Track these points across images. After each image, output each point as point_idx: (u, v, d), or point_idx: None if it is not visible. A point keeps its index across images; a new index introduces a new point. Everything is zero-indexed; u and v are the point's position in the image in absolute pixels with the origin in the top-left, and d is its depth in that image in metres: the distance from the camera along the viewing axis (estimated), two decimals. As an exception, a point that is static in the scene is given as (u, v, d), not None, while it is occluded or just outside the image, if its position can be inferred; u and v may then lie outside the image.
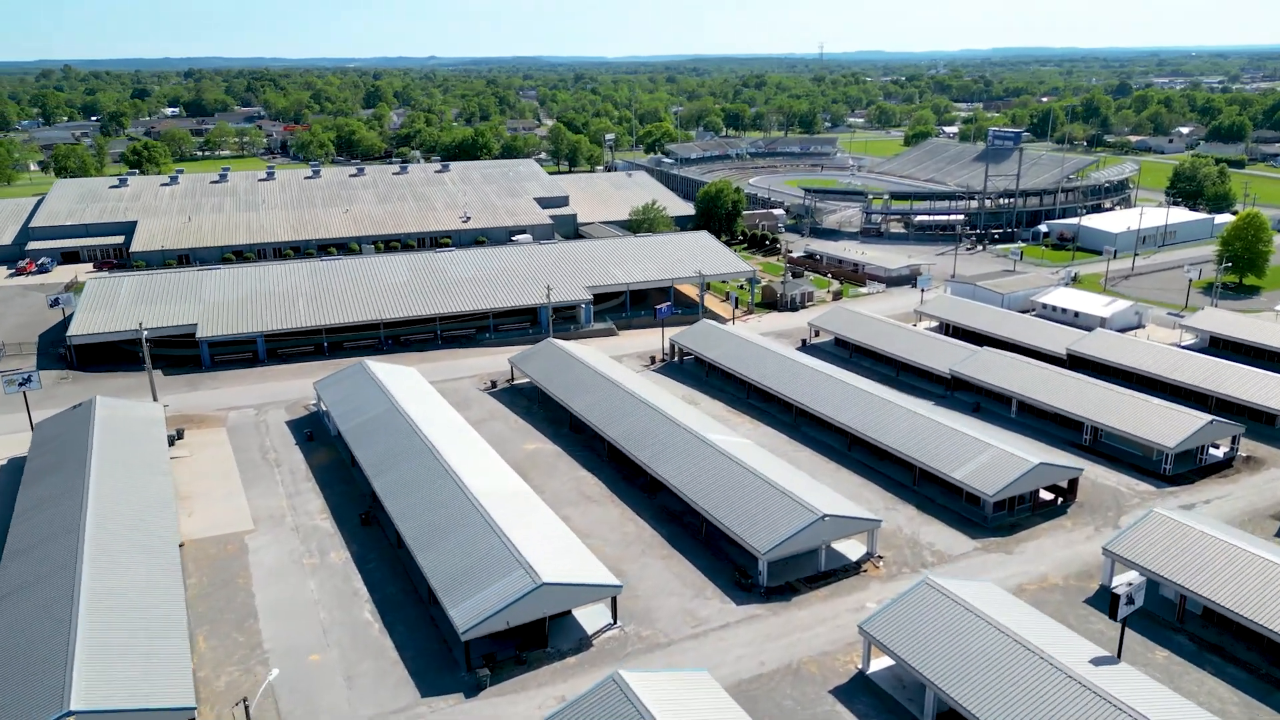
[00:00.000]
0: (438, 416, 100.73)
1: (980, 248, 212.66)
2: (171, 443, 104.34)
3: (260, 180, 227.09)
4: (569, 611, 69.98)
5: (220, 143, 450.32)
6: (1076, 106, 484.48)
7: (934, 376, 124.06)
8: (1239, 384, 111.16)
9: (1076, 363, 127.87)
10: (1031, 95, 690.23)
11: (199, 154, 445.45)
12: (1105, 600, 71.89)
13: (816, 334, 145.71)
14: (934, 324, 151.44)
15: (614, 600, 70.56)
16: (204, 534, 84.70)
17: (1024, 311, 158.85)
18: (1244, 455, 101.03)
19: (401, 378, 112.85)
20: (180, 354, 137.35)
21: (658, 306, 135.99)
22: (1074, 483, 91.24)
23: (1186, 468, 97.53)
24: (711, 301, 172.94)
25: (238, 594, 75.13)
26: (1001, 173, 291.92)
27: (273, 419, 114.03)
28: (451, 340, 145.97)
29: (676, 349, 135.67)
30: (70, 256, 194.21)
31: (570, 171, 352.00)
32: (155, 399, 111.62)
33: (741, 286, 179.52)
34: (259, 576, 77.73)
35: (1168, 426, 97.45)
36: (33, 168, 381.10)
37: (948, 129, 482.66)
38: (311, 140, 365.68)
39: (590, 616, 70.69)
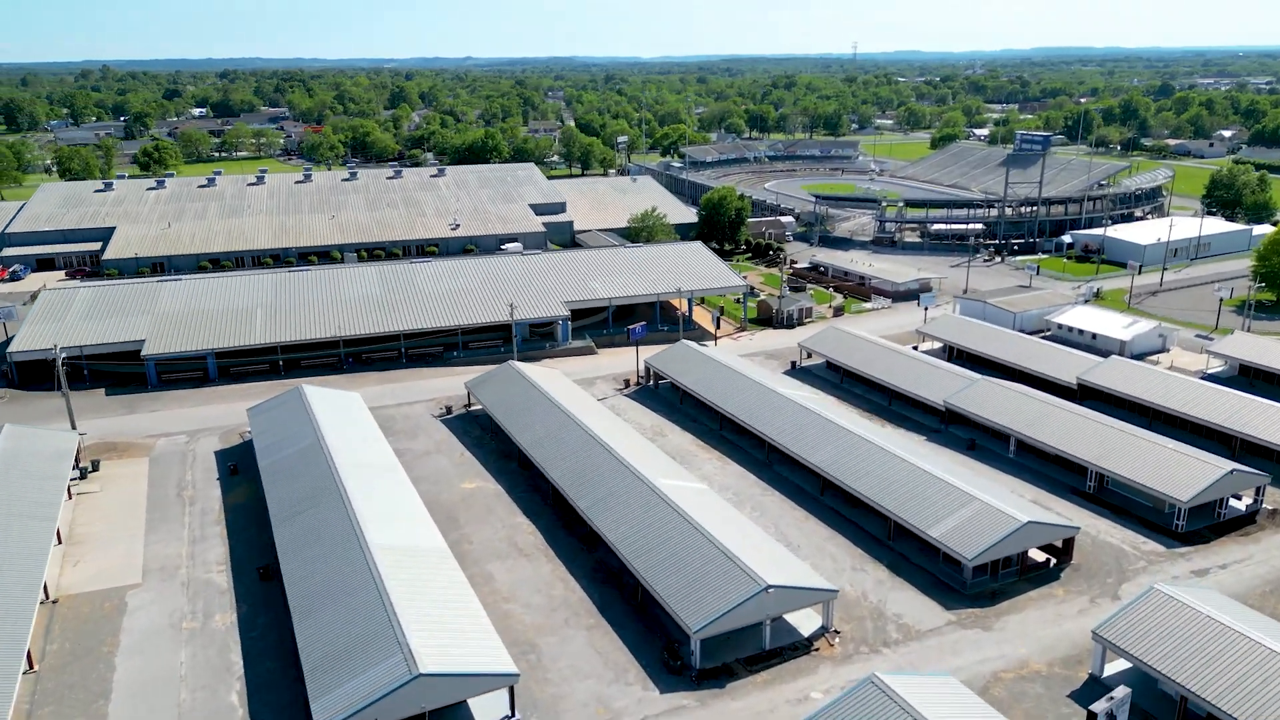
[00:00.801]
0: (366, 452, 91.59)
1: (998, 259, 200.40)
2: (84, 475, 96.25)
3: (250, 185, 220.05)
4: (463, 702, 60.29)
5: (237, 144, 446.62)
6: (1114, 108, 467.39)
7: (929, 408, 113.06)
8: (1268, 423, 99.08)
9: (1087, 393, 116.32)
10: (1069, 96, 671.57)
11: (216, 155, 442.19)
12: (1094, 694, 60.98)
13: (809, 355, 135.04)
14: (937, 346, 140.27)
15: (511, 690, 60.75)
16: (83, 588, 76.01)
17: (1037, 332, 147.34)
18: (1270, 509, 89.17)
19: (339, 405, 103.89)
20: (129, 371, 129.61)
21: (631, 327, 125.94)
22: (1070, 542, 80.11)
23: (1203, 523, 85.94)
24: (703, 317, 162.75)
25: (97, 666, 66.23)
26: (1026, 179, 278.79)
27: (203, 448, 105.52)
28: (417, 359, 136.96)
29: (651, 372, 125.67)
30: (46, 264, 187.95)
31: (582, 174, 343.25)
32: (73, 426, 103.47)
33: (739, 301, 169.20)
34: (127, 644, 68.80)
35: (1182, 475, 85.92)
36: (53, 170, 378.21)
37: (978, 131, 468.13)
38: (322, 142, 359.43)
39: (484, 707, 60.92)
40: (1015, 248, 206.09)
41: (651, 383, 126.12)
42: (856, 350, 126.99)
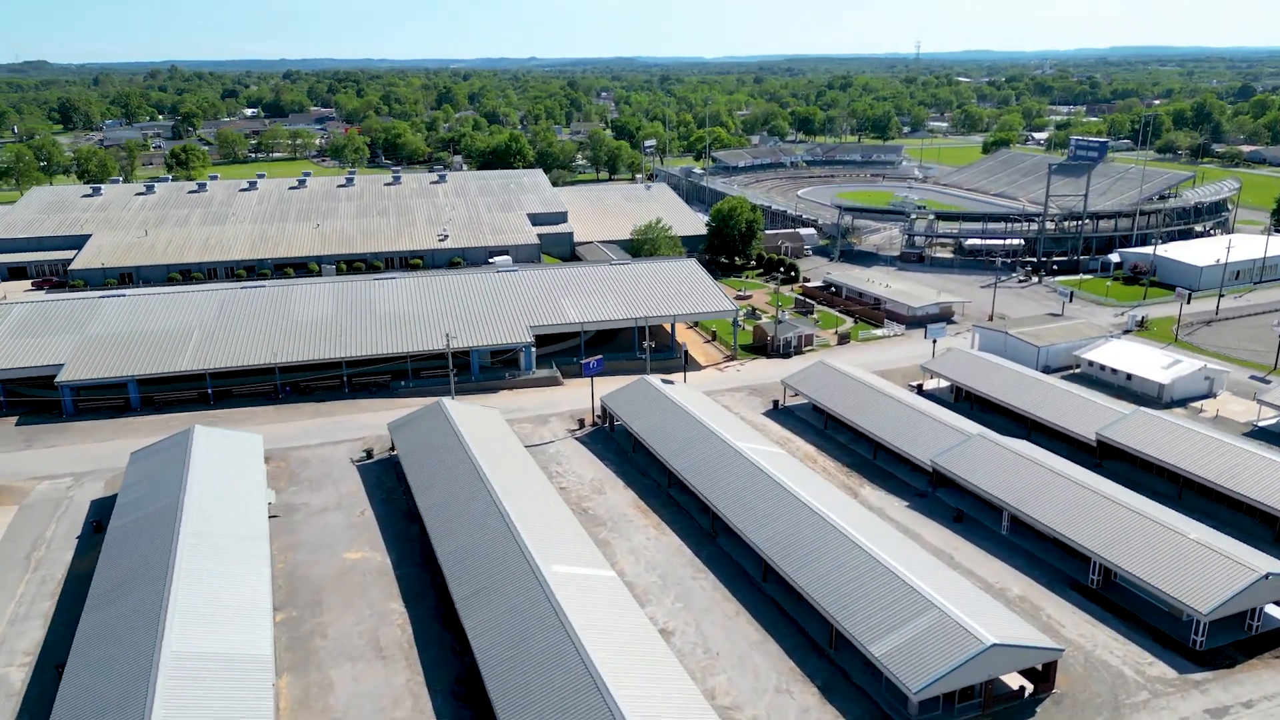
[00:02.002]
0: (231, 517, 78.67)
1: (1035, 280, 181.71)
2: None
3: (241, 190, 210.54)
4: None
5: (274, 145, 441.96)
6: (1185, 111, 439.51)
7: (917, 465, 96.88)
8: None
9: (1108, 452, 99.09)
10: (1141, 98, 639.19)
11: (253, 156, 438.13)
12: None
13: (795, 394, 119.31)
14: (944, 385, 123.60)
15: None
16: None
17: (1065, 369, 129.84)
18: (1318, 620, 71.77)
19: (228, 452, 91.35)
20: (51, 398, 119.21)
21: (585, 360, 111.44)
22: (1052, 665, 63.90)
23: (1229, 638, 68.92)
24: (694, 344, 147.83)
25: None
26: (1079, 189, 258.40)
27: (83, 495, 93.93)
28: (361, 389, 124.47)
29: (608, 413, 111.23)
30: (18, 272, 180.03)
31: (610, 179, 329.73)
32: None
33: (738, 324, 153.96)
34: None
35: (1204, 578, 68.96)
36: (72, 171, 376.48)
37: (1037, 135, 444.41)
38: (347, 144, 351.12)
39: None
40: (1055, 267, 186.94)
41: (608, 424, 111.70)
42: (843, 392, 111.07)
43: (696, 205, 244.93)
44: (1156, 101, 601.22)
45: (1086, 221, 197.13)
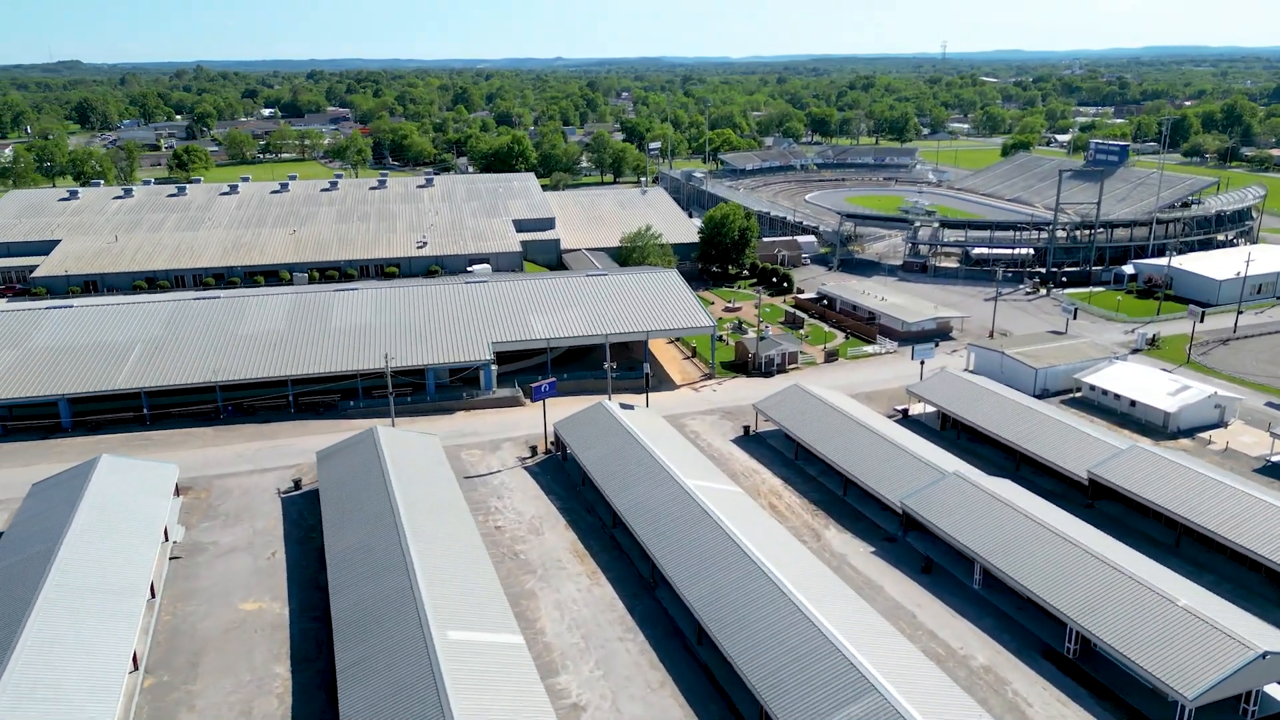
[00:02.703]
0: (105, 570, 71.22)
1: (1043, 292, 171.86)
2: None
3: (221, 194, 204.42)
4: None
5: (281, 146, 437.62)
6: (1215, 113, 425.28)
7: (888, 505, 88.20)
8: (1337, 560, 71.99)
9: (1101, 492, 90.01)
10: (1172, 99, 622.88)
11: (260, 157, 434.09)
12: None
13: (768, 420, 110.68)
14: (930, 410, 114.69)
15: None
16: None
17: (1064, 394, 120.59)
18: (1326, 704, 62.54)
19: (133, 488, 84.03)
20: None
21: (535, 384, 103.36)
22: (1008, 761, 55.28)
23: (1221, 725, 60.00)
24: (671, 361, 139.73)
25: None
26: (1096, 194, 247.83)
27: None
28: (309, 409, 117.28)
29: (560, 441, 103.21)
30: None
31: (614, 182, 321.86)
32: None
33: (722, 338, 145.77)
34: None
35: (1193, 655, 59.99)
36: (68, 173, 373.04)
37: (1060, 137, 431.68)
38: (348, 145, 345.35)
39: None
40: (1064, 279, 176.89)
41: (560, 453, 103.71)
42: (816, 419, 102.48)
43: (698, 211, 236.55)
44: (1188, 103, 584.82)
45: (1100, 230, 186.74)
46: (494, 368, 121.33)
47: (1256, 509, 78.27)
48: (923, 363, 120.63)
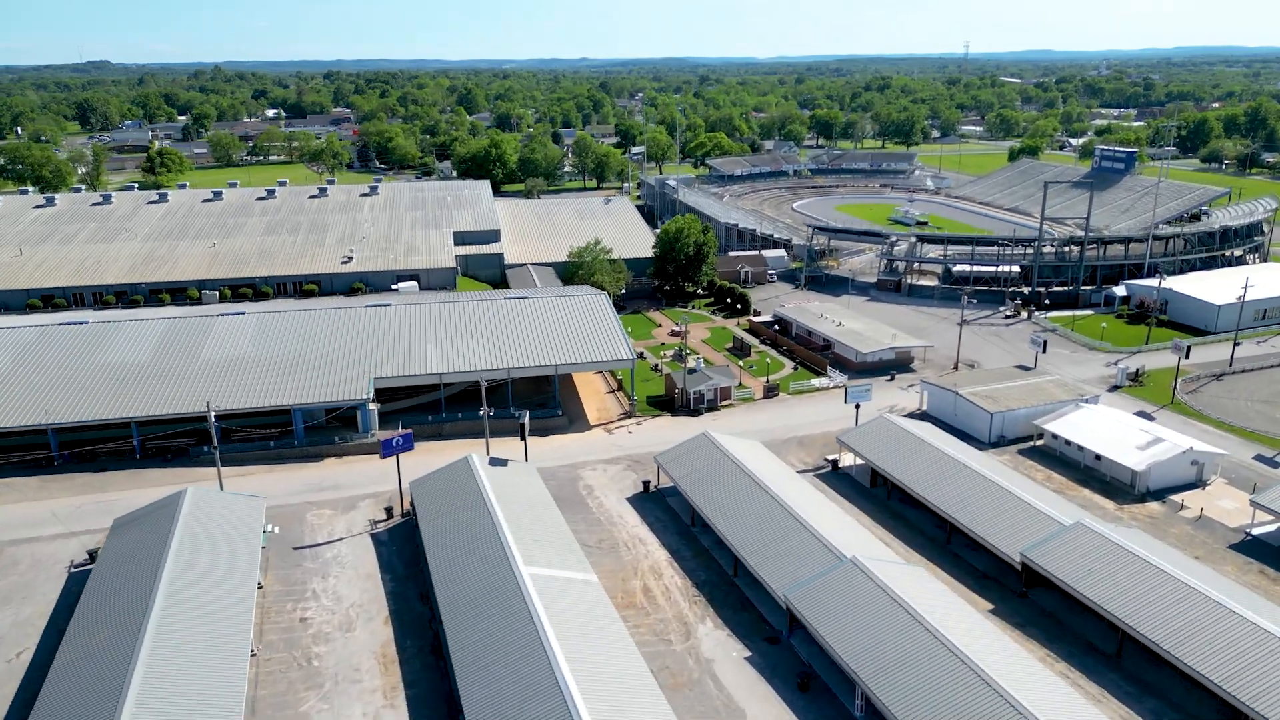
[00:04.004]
0: None
1: (1024, 316, 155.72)
2: None
3: (150, 203, 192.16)
4: None
5: (269, 149, 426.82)
6: (1238, 116, 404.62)
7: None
8: (1310, 696, 56.40)
9: (1036, 579, 74.68)
10: (1198, 101, 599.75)
11: (247, 159, 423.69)
12: None
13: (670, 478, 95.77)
14: (861, 465, 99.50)
15: None
16: None
17: (1023, 441, 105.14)
18: None
19: None
20: None
21: (385, 438, 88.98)
22: None
23: None
24: (593, 396, 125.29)
25: None
26: (1098, 205, 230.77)
27: None
28: (156, 454, 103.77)
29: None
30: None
31: (598, 188, 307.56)
32: None
33: (657, 369, 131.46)
34: None
35: None
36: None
37: (1075, 141, 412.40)
38: (324, 149, 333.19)
39: None
40: (1047, 301, 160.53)
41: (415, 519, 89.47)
42: (717, 477, 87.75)
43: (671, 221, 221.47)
44: (1215, 105, 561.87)
45: (1092, 246, 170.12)
46: (373, 407, 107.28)
47: (1216, 619, 62.75)
48: (858, 406, 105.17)
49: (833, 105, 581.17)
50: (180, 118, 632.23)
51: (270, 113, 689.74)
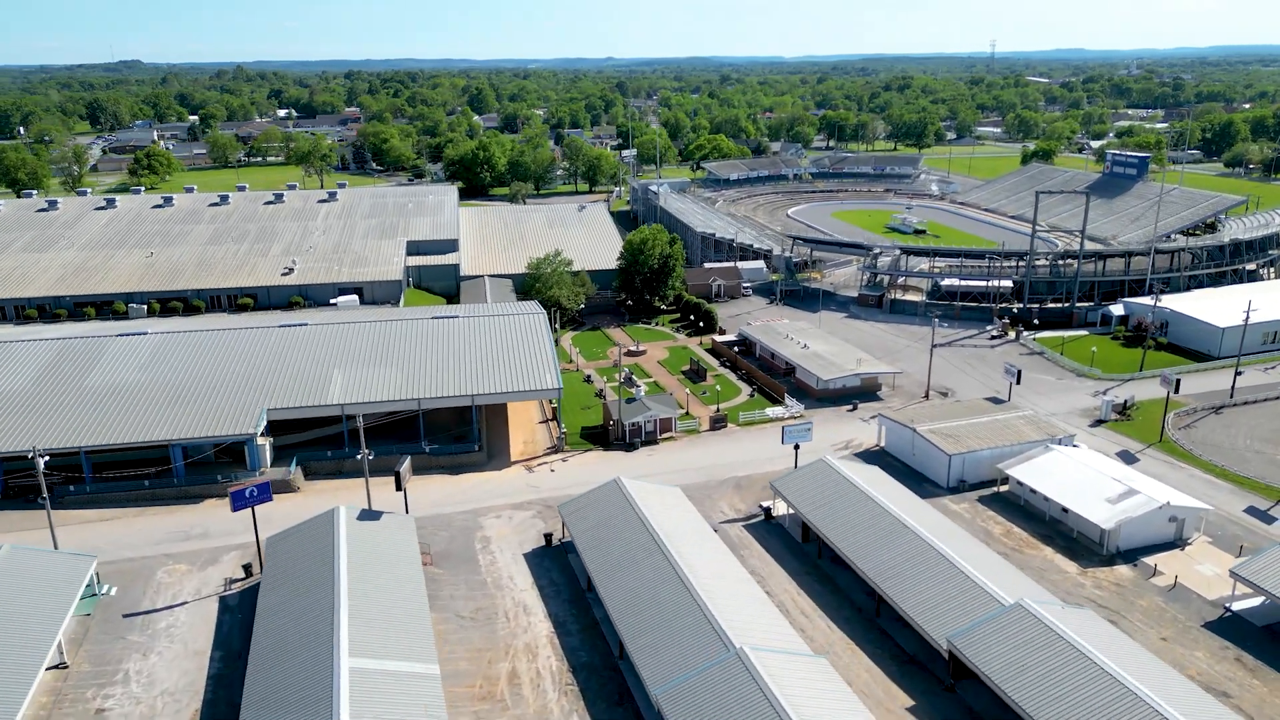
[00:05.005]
0: None
1: (1011, 336, 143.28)
2: None
3: (96, 209, 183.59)
4: None
5: (267, 150, 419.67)
6: (1266, 118, 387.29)
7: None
8: None
9: (964, 673, 63.06)
10: (1229, 102, 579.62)
11: (245, 160, 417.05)
12: None
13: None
14: (795, 515, 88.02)
15: None
16: None
17: (986, 487, 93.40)
18: None
19: None
20: None
21: (232, 490, 78.28)
22: None
23: None
24: (522, 427, 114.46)
25: None
26: (1109, 213, 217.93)
27: None
28: (22, 494, 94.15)
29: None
30: None
31: (589, 192, 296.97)
32: None
33: (601, 395, 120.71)
34: None
35: None
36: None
37: (1095, 143, 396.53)
38: (312, 150, 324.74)
39: None
40: (1036, 320, 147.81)
41: (275, 575, 79.07)
42: (617, 535, 76.79)
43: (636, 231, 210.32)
44: (1246, 106, 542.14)
45: (1088, 260, 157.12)
46: (263, 442, 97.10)
47: (1164, 740, 51.02)
48: (797, 447, 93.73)
49: (850, 105, 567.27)
50: (191, 118, 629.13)
51: (281, 113, 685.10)
